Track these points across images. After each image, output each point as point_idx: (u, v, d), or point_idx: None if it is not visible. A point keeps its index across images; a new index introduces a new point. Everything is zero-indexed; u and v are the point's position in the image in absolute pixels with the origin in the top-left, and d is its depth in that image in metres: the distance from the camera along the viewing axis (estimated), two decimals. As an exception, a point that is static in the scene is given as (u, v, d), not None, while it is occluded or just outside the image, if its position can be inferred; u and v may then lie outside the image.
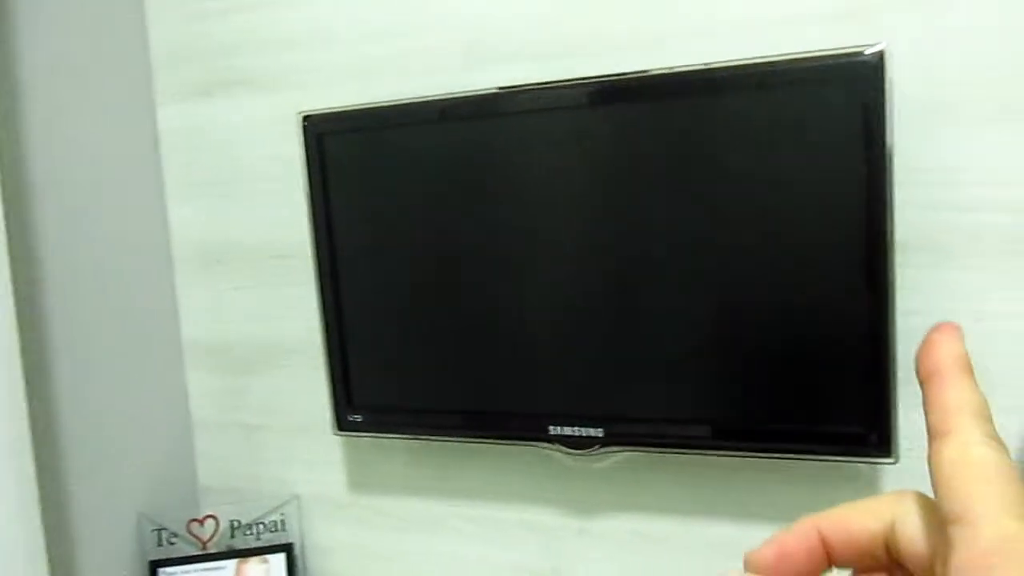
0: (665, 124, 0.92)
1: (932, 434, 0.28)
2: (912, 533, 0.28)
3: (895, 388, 0.85)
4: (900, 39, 0.85)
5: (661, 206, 0.92)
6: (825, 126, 0.84)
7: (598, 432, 0.97)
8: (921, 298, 0.89)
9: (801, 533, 0.32)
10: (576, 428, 0.98)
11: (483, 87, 0.99)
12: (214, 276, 1.26)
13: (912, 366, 0.86)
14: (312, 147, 1.07)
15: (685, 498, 1.04)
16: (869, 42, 0.81)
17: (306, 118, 1.07)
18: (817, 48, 0.84)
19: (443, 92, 1.00)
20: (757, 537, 1.04)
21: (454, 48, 1.06)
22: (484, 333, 1.01)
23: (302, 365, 1.21)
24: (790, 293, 0.89)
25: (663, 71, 0.91)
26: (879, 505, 0.30)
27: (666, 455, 1.03)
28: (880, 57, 0.80)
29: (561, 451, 1.03)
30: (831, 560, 0.31)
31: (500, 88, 0.98)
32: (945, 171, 0.88)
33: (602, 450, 0.98)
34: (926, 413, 0.28)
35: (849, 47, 0.82)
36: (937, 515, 0.27)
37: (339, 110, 1.06)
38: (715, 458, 1.01)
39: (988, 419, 0.27)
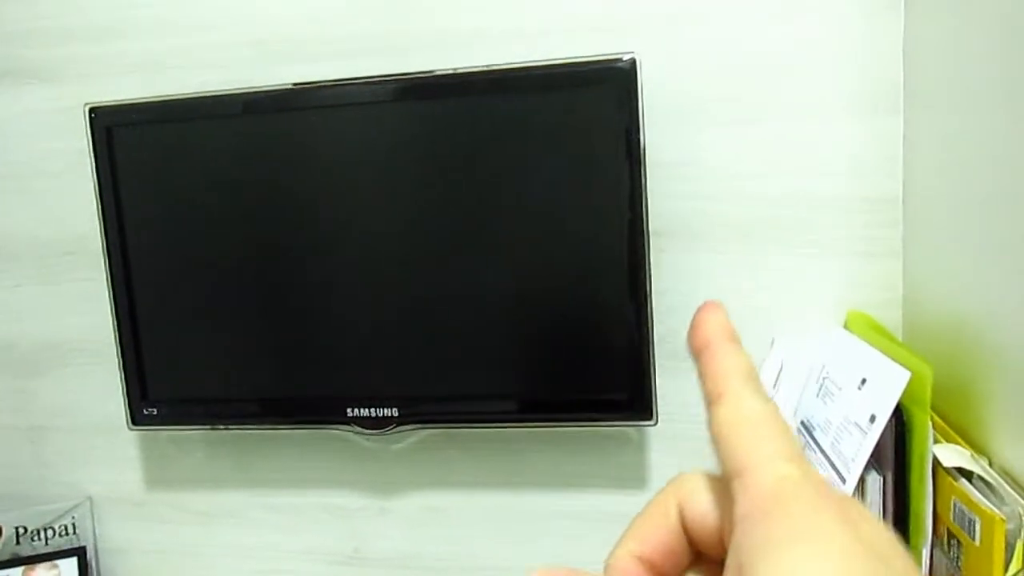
0: (449, 120, 0.99)
1: (707, 401, 0.29)
2: (700, 508, 0.29)
3: (652, 358, 0.97)
4: (652, 50, 0.97)
5: (447, 195, 0.99)
6: (588, 124, 0.95)
7: (393, 412, 1.02)
8: (672, 278, 1.01)
9: (618, 569, 0.30)
10: (372, 409, 1.03)
11: (272, 83, 1.02)
12: (-6, 273, 1.21)
13: (665, 338, 0.98)
14: (100, 140, 1.06)
15: (475, 471, 1.12)
16: (625, 50, 0.92)
17: (93, 110, 1.06)
18: (582, 55, 0.94)
19: (232, 87, 1.03)
20: (537, 502, 1.15)
21: (243, 43, 1.09)
22: (278, 321, 1.04)
23: (92, 362, 1.18)
24: (562, 277, 0.98)
25: (448, 71, 0.98)
26: (662, 500, 0.30)
27: (458, 432, 1.10)
28: (633, 64, 0.91)
29: (360, 434, 1.07)
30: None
31: (294, 84, 1.02)
32: (691, 166, 1.00)
33: (398, 429, 1.04)
34: (701, 384, 0.29)
35: (607, 54, 0.92)
36: (720, 483, 0.28)
37: (129, 103, 1.05)
38: (502, 431, 1.09)
39: (756, 379, 0.28)
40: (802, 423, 0.94)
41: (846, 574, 0.22)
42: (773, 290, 1.00)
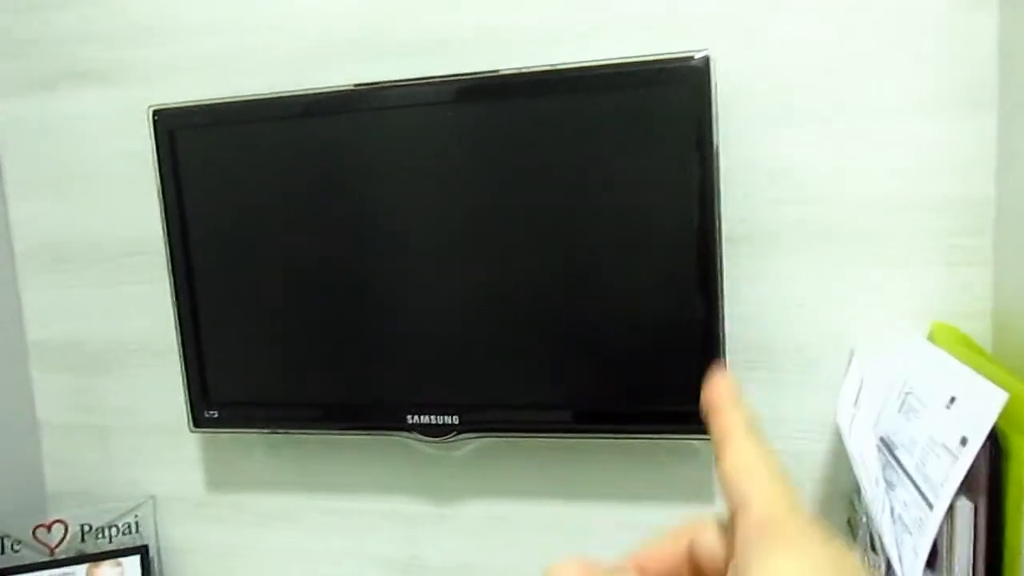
0: (514, 121, 0.96)
1: (716, 453, 0.33)
2: (708, 542, 0.33)
3: (724, 368, 0.93)
4: (726, 46, 0.92)
5: (511, 198, 0.96)
6: (659, 125, 0.91)
7: (454, 420, 1.00)
8: (745, 286, 0.97)
9: (619, 568, 0.35)
10: (433, 416, 1.01)
11: (334, 84, 1.01)
12: (60, 274, 1.22)
13: (738, 348, 0.94)
14: (163, 142, 1.05)
15: (535, 481, 1.09)
16: (698, 48, 0.88)
17: (156, 112, 1.05)
18: (653, 53, 0.90)
19: (293, 89, 1.01)
20: (598, 514, 1.12)
21: (304, 44, 1.08)
22: (341, 326, 1.03)
23: (155, 363, 1.19)
24: (630, 283, 0.95)
25: (513, 71, 0.95)
26: (677, 530, 0.35)
27: (519, 441, 1.08)
28: (706, 62, 0.87)
29: (419, 440, 1.06)
30: None
31: (356, 85, 1.00)
32: (766, 168, 0.95)
33: (458, 437, 1.02)
34: (712, 436, 0.34)
35: (679, 52, 0.88)
36: (728, 523, 0.32)
37: (191, 105, 1.05)
38: (564, 441, 1.06)
39: (756, 430, 0.33)
40: (881, 439, 0.90)
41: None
42: (853, 299, 0.95)
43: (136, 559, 1.22)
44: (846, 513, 0.98)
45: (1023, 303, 0.85)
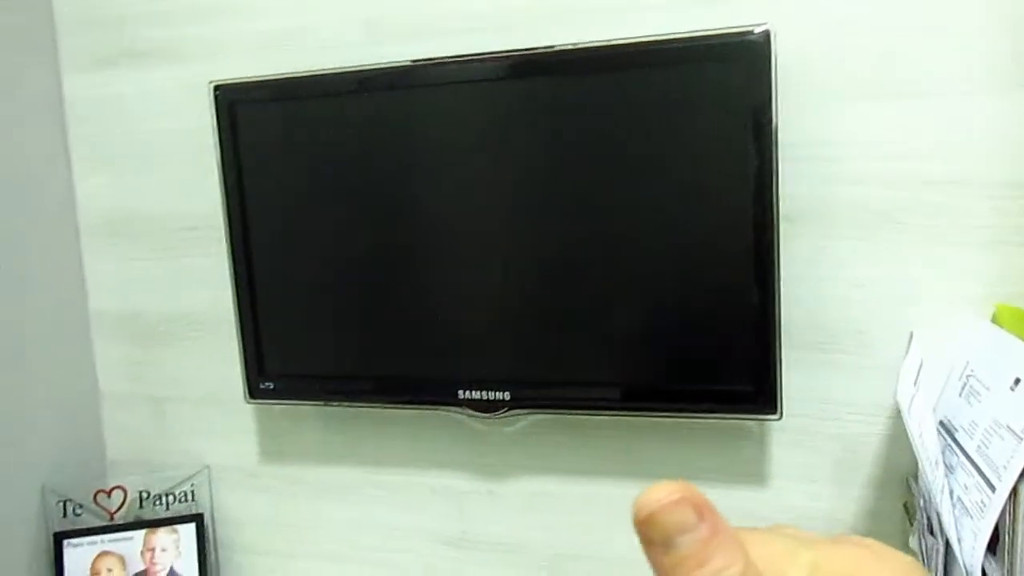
0: (570, 97, 0.96)
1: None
2: None
3: (779, 351, 0.91)
4: (787, 20, 0.91)
5: (568, 175, 0.96)
6: (716, 101, 0.90)
7: (505, 395, 1.01)
8: (803, 266, 0.95)
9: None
10: (484, 392, 1.01)
11: (391, 60, 1.01)
12: (122, 247, 1.25)
13: (794, 330, 0.92)
14: (224, 117, 1.07)
15: (587, 459, 1.09)
16: (757, 21, 0.87)
17: (217, 88, 1.07)
18: (712, 27, 0.89)
19: (351, 64, 1.02)
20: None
21: (361, 20, 1.08)
22: (394, 301, 1.04)
23: (212, 335, 1.21)
24: (685, 261, 0.94)
25: (569, 46, 0.95)
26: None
27: (569, 418, 1.08)
28: (767, 36, 0.86)
29: (471, 415, 1.06)
30: None
31: (413, 61, 1.01)
32: (825, 146, 0.94)
33: (509, 413, 1.02)
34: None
35: (739, 26, 0.87)
36: None
37: (252, 80, 1.06)
38: (617, 420, 1.06)
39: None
40: (941, 423, 0.88)
41: None
42: (913, 280, 0.93)
43: (192, 527, 1.25)
44: (902, 497, 0.96)
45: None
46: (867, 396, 0.97)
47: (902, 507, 0.96)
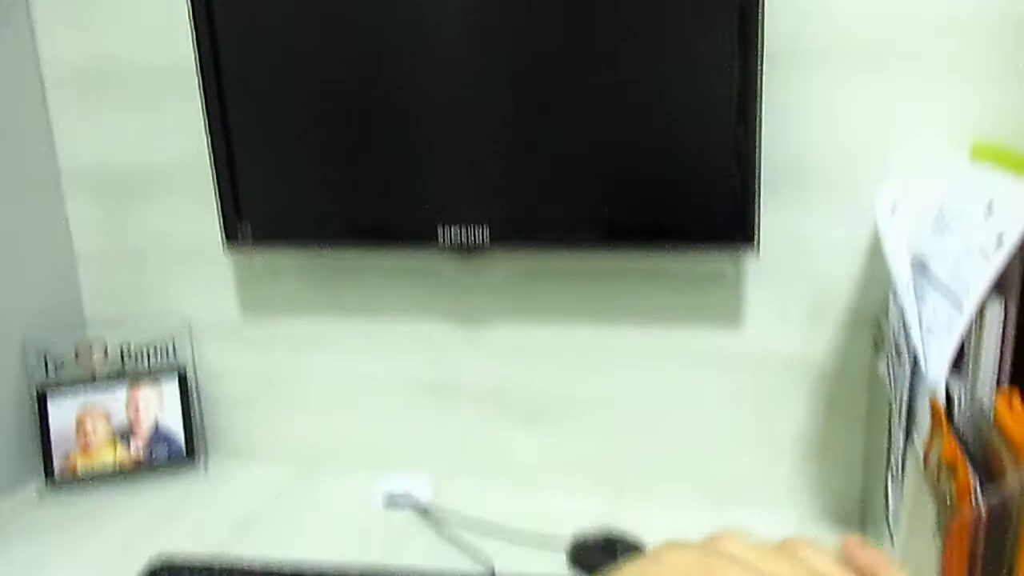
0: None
1: None
2: None
3: (759, 187, 0.92)
4: None
5: (549, 11, 0.94)
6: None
7: (484, 233, 1.01)
8: (784, 103, 0.95)
9: None
10: (464, 232, 1.01)
11: None
12: (90, 100, 1.21)
13: (775, 169, 0.91)
14: (191, -43, 1.03)
15: (565, 305, 1.10)
16: None
17: (184, -76, 1.03)
18: None
19: None
20: (627, 337, 1.13)
21: None
22: (372, 141, 1.03)
23: (189, 188, 1.20)
24: (669, 100, 0.94)
25: None
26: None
27: (549, 264, 1.09)
28: None
29: (450, 261, 1.07)
30: None
31: None
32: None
33: (488, 253, 1.03)
34: None
35: None
36: None
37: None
38: (595, 265, 1.07)
39: None
40: (915, 258, 0.90)
41: None
42: (893, 120, 0.94)
43: (174, 381, 1.26)
44: (872, 335, 0.99)
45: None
46: (843, 237, 0.98)
47: (871, 345, 0.99)
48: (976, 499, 0.63)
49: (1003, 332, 0.74)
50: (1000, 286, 0.72)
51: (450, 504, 1.13)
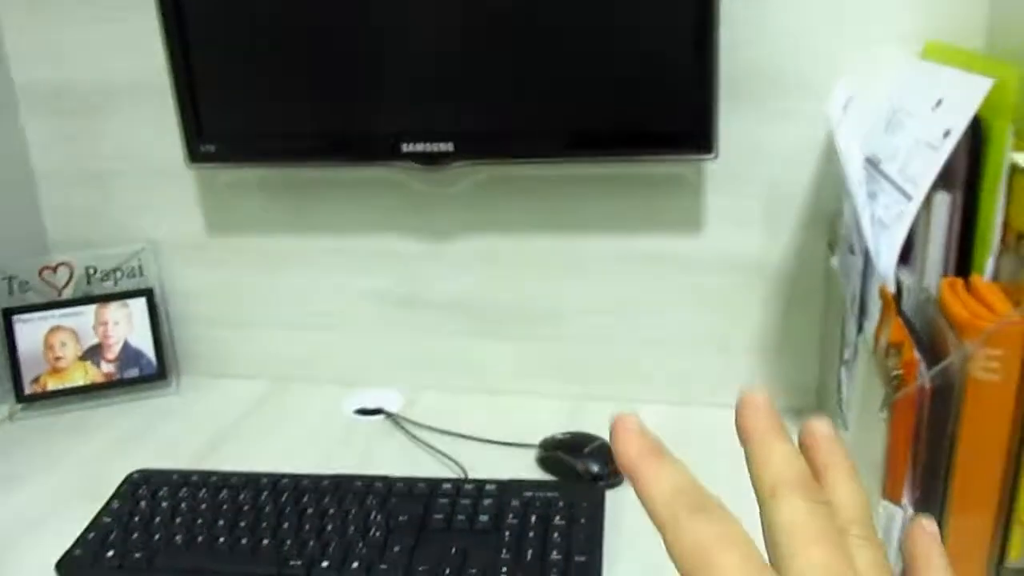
0: None
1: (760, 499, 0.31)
2: None
3: (717, 92, 0.94)
4: None
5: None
6: None
7: (448, 147, 1.02)
8: (740, 13, 0.96)
9: None
10: (427, 144, 1.02)
11: None
12: (42, 12, 1.18)
13: (733, 74, 0.93)
14: None
15: (530, 216, 1.12)
16: None
17: None
18: None
19: None
20: (591, 246, 1.15)
21: None
22: (333, 54, 1.02)
23: (149, 105, 1.18)
24: (627, 7, 0.94)
25: None
26: None
27: (512, 176, 1.10)
28: None
29: (415, 173, 1.08)
30: None
31: None
32: None
33: (452, 165, 1.04)
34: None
35: None
36: None
37: None
38: (558, 174, 1.09)
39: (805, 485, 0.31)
40: (868, 159, 0.92)
41: None
42: (846, 24, 0.95)
43: (142, 300, 1.26)
44: (827, 236, 1.02)
45: (1019, 13, 0.85)
46: (798, 141, 1.00)
47: (826, 245, 1.02)
48: (921, 373, 0.67)
49: (949, 223, 0.77)
50: (946, 178, 0.75)
51: (421, 415, 1.16)
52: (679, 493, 0.30)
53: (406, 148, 1.03)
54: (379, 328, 1.23)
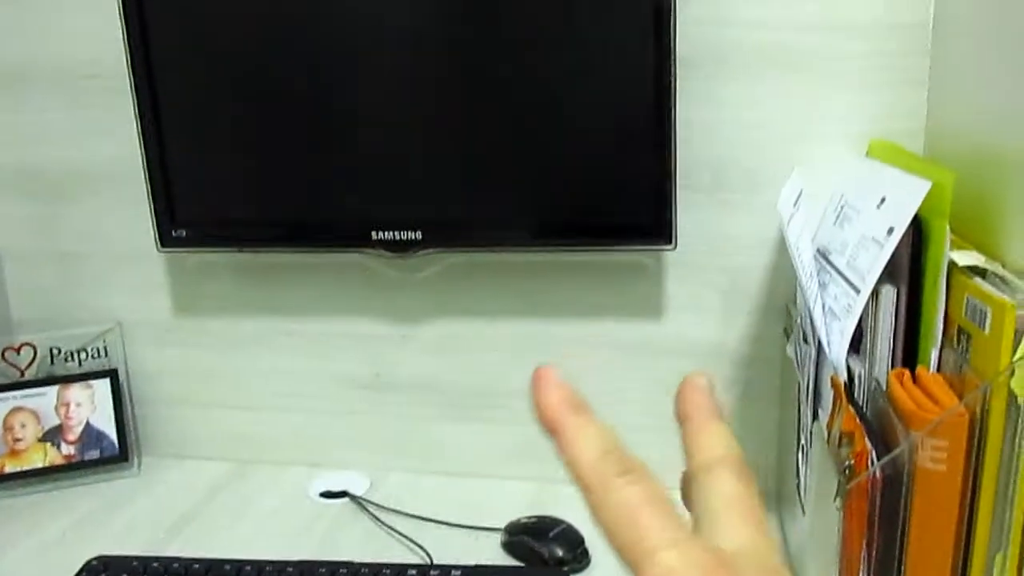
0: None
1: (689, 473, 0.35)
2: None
3: (675, 186, 0.98)
4: None
5: (470, 15, 0.98)
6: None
7: (417, 235, 1.05)
8: (695, 107, 1.01)
9: None
10: (397, 232, 1.05)
11: None
12: (16, 96, 1.21)
13: (688, 171, 0.97)
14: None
15: (495, 301, 1.15)
16: None
17: (113, -74, 1.04)
18: None
19: None
20: (555, 331, 1.18)
21: None
22: (305, 144, 1.05)
23: (120, 189, 1.20)
24: (587, 102, 0.99)
25: None
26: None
27: (479, 262, 1.13)
28: None
29: (384, 259, 1.10)
30: None
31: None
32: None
33: (421, 252, 1.06)
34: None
35: None
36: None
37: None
38: (524, 262, 1.12)
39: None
40: (818, 251, 0.96)
41: None
42: (797, 121, 1.01)
43: (106, 382, 1.26)
44: (782, 322, 1.06)
45: (955, 118, 0.91)
46: (753, 231, 1.05)
47: (782, 331, 1.05)
48: (872, 463, 0.69)
49: (896, 314, 0.81)
50: (891, 272, 0.79)
51: (386, 498, 1.16)
52: (605, 454, 0.31)
53: (376, 235, 1.05)
54: (345, 410, 1.24)
